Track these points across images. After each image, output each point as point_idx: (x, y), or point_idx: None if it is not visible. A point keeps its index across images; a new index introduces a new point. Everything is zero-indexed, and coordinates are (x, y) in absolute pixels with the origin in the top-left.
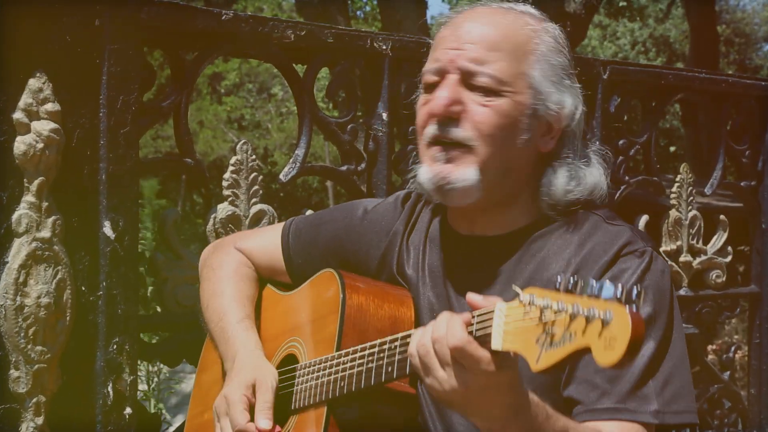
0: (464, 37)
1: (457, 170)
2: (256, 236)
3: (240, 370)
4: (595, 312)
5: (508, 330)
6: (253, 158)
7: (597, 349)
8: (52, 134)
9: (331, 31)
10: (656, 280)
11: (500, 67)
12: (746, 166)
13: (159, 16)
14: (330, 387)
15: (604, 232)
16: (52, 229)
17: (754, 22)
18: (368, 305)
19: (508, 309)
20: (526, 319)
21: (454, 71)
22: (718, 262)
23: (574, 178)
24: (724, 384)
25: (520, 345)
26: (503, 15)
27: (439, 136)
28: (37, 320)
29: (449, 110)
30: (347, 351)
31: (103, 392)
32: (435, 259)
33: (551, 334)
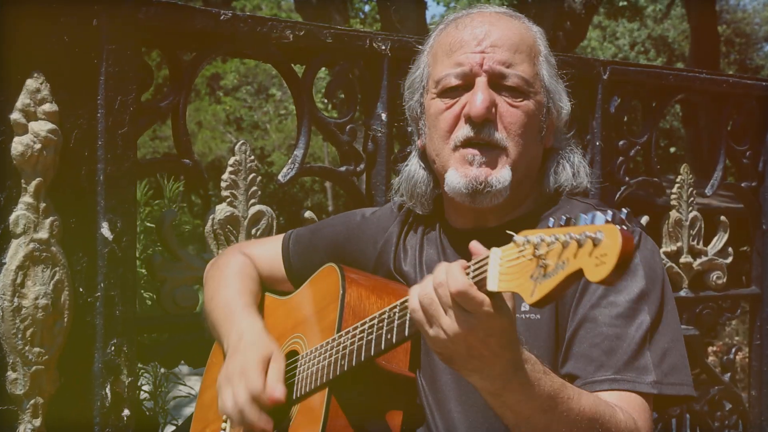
0: (487, 40)
1: (494, 173)
2: (259, 244)
3: (252, 343)
4: (587, 234)
5: (503, 271)
6: (251, 159)
7: (588, 267)
8: (50, 135)
9: (330, 32)
10: (647, 257)
11: (524, 68)
12: (747, 166)
13: (157, 16)
14: (330, 368)
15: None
16: (49, 230)
17: (754, 22)
18: (368, 295)
19: (503, 252)
20: (520, 257)
21: (483, 74)
22: (718, 263)
23: (578, 166)
24: (725, 386)
25: (514, 283)
26: (509, 19)
27: (475, 138)
28: (35, 321)
29: (489, 113)
30: (346, 331)
31: (101, 394)
32: (432, 254)
33: (545, 265)
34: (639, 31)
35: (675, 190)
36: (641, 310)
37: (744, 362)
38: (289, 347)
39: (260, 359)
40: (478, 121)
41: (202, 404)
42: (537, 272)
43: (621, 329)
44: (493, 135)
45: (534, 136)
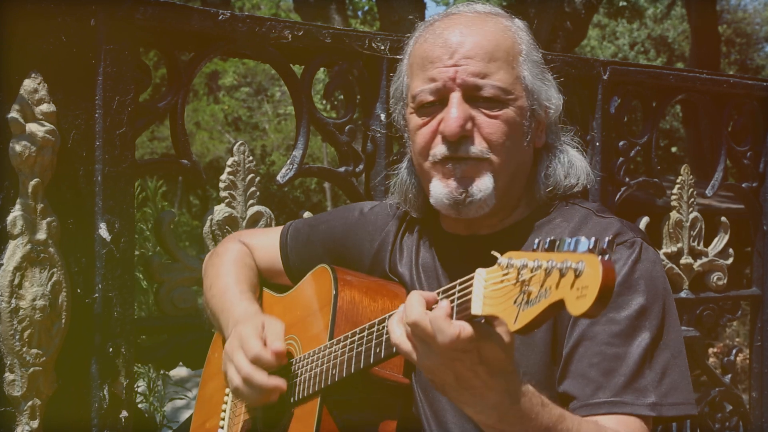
0: (459, 52)
1: (476, 182)
2: (258, 235)
3: (248, 317)
4: (569, 264)
5: (488, 294)
6: (250, 159)
7: (569, 299)
8: (48, 135)
9: (329, 32)
10: (647, 269)
11: (501, 76)
12: (747, 167)
13: (155, 16)
14: (322, 377)
15: (594, 224)
16: (47, 231)
17: (755, 22)
18: (361, 299)
19: (488, 273)
20: (504, 281)
21: (456, 88)
22: (719, 264)
23: (570, 164)
24: (725, 387)
25: (499, 308)
26: (484, 21)
27: (451, 156)
28: (33, 323)
29: (463, 130)
30: (338, 339)
31: (98, 395)
32: (428, 258)
33: (528, 292)
34: (639, 30)
35: (675, 190)
36: (641, 327)
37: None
38: None
39: (254, 328)
40: (453, 139)
41: (203, 397)
42: (521, 298)
43: (620, 348)
44: (471, 151)
45: (518, 142)
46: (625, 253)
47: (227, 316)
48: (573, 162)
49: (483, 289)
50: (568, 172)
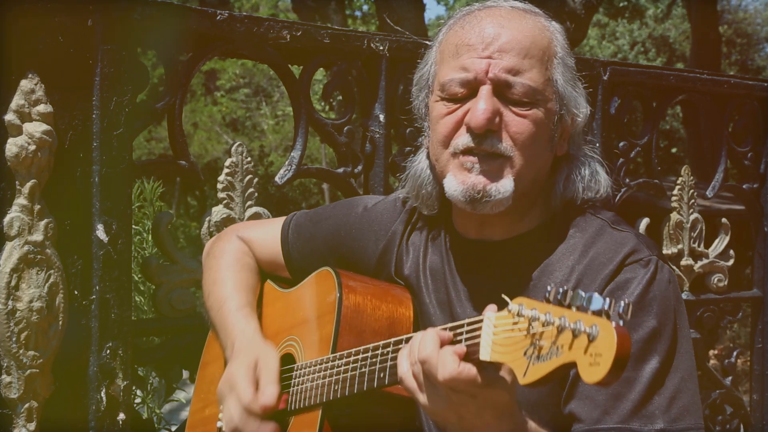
0: (495, 44)
1: (495, 182)
2: (258, 227)
3: (239, 352)
4: (582, 326)
5: (497, 341)
6: (248, 160)
7: (582, 365)
8: (45, 136)
9: (328, 32)
10: (662, 290)
11: (533, 75)
12: (748, 168)
13: (152, 16)
14: (324, 390)
15: (609, 238)
16: (44, 232)
17: (756, 23)
18: (365, 306)
19: (497, 319)
20: (515, 330)
21: (488, 82)
22: (719, 266)
23: (591, 177)
24: (726, 389)
25: (508, 357)
26: (523, 17)
27: (476, 148)
28: (29, 325)
29: (491, 124)
30: (342, 354)
31: (96, 398)
32: (436, 261)
33: (539, 346)
34: (639, 30)
35: (676, 191)
36: (652, 350)
37: (745, 366)
38: (284, 349)
39: (247, 367)
40: (479, 132)
41: (203, 379)
42: (531, 350)
43: (630, 372)
44: (496, 146)
45: (543, 145)
46: (640, 272)
47: (224, 334)
48: (593, 176)
49: (492, 335)
50: (588, 185)
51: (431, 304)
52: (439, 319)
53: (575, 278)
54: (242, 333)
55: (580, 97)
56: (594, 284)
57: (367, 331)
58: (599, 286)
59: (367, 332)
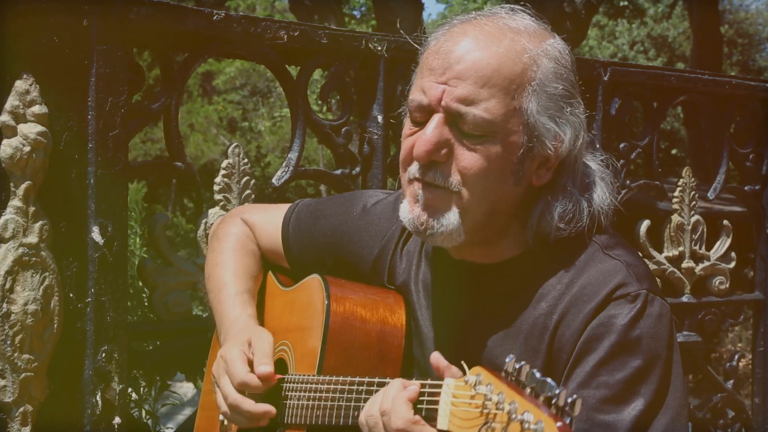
0: (453, 69)
1: (436, 215)
2: (262, 212)
3: (234, 334)
4: (530, 419)
5: (455, 411)
6: (245, 162)
7: None
8: (40, 137)
9: (325, 32)
10: (649, 327)
11: (491, 106)
12: (750, 169)
13: (148, 16)
14: (308, 413)
15: (598, 268)
16: (39, 234)
17: (757, 23)
18: (354, 319)
19: (456, 387)
20: (471, 404)
21: (440, 110)
22: (721, 269)
23: (569, 214)
24: (728, 393)
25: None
26: (497, 39)
27: (420, 178)
28: (24, 328)
29: (433, 156)
30: (325, 379)
31: (91, 402)
32: (427, 275)
33: (491, 428)
34: (639, 30)
35: (677, 193)
36: (636, 392)
37: (747, 369)
38: (278, 354)
39: (239, 348)
40: (421, 162)
41: (203, 406)
42: (485, 429)
43: (610, 416)
44: (438, 179)
45: (501, 178)
46: (626, 308)
47: (220, 318)
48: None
49: (450, 405)
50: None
51: (422, 318)
52: (428, 337)
53: (561, 310)
54: (237, 318)
55: (566, 125)
56: (578, 318)
57: (355, 346)
58: (583, 320)
59: (355, 347)
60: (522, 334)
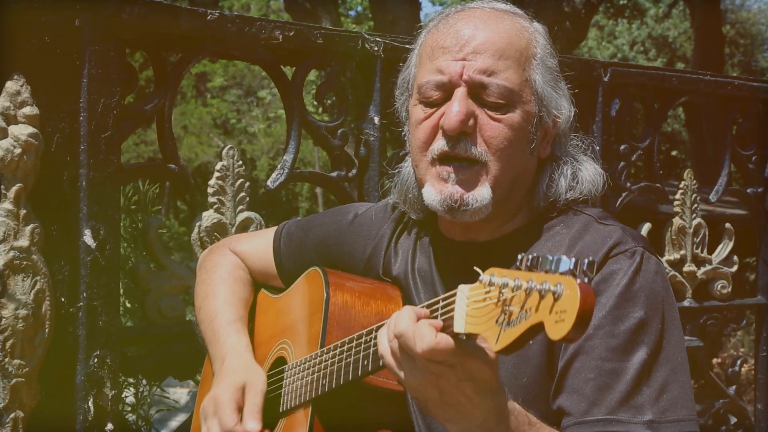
0: (469, 45)
1: (471, 191)
2: (250, 239)
3: (229, 372)
4: (548, 286)
5: (470, 312)
6: (239, 164)
7: (549, 323)
8: (31, 139)
9: (321, 32)
10: (648, 281)
11: (509, 76)
12: (753, 172)
13: (141, 16)
14: (313, 386)
15: (595, 232)
16: (30, 237)
17: (760, 23)
18: (353, 302)
19: (470, 291)
20: (486, 299)
21: (462, 84)
22: (723, 272)
23: (574, 177)
24: (730, 399)
25: (481, 327)
26: (500, 18)
27: (450, 152)
28: (15, 332)
29: (464, 126)
30: (328, 348)
31: (83, 407)
32: (424, 263)
33: (509, 312)
34: (639, 30)
35: (678, 196)
36: (640, 341)
37: (750, 374)
38: (277, 353)
39: (233, 392)
40: (452, 134)
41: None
42: (502, 318)
43: (616, 363)
44: (470, 150)
45: (521, 148)
46: (625, 263)
47: (214, 349)
48: (577, 175)
49: (465, 306)
50: (570, 185)
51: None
52: None
53: None
54: (233, 349)
55: (562, 98)
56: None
57: (355, 327)
58: None
59: (355, 328)
60: None
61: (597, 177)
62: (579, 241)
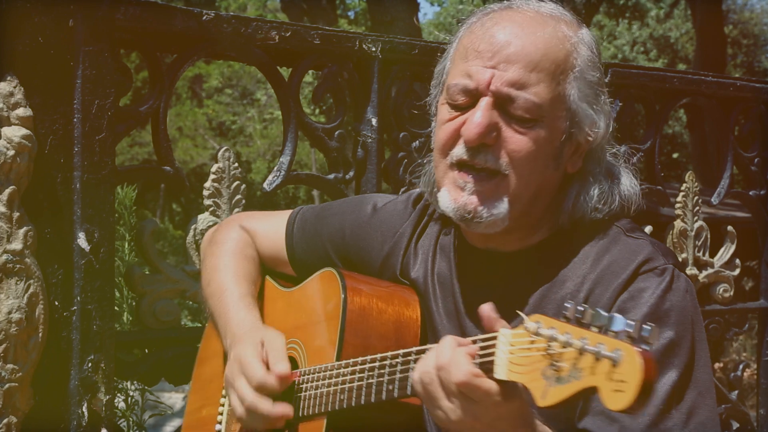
0: (502, 53)
1: (487, 203)
2: (263, 219)
3: (244, 336)
4: (604, 350)
5: (513, 360)
6: (235, 166)
7: (606, 391)
8: (24, 141)
9: (318, 32)
10: (678, 300)
11: (539, 90)
12: (755, 174)
13: (136, 17)
14: (330, 399)
15: (623, 246)
16: (23, 240)
17: (762, 23)
18: (371, 309)
19: (512, 336)
20: (532, 349)
21: (489, 94)
22: (725, 276)
23: (604, 197)
24: (732, 404)
25: (525, 377)
26: (541, 25)
27: (469, 161)
28: (8, 337)
29: (484, 138)
30: (347, 362)
31: (77, 413)
32: (444, 268)
33: (558, 368)
34: (640, 30)
35: (680, 198)
36: (669, 363)
37: (752, 379)
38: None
39: (253, 348)
40: (471, 145)
41: (200, 377)
42: (549, 372)
43: None
44: (488, 161)
45: (544, 164)
46: (654, 281)
47: (224, 323)
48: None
49: (508, 353)
50: (595, 206)
51: (438, 313)
52: (445, 329)
53: (587, 288)
54: (243, 321)
55: (600, 113)
56: (607, 293)
57: (373, 336)
58: (612, 295)
59: (373, 337)
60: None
61: (632, 194)
62: (605, 254)
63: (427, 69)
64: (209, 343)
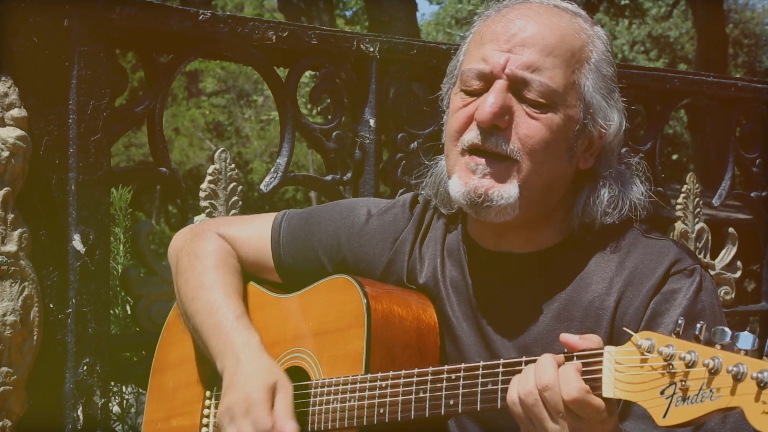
0: (517, 37)
1: (498, 187)
2: (241, 225)
3: (255, 373)
4: (745, 370)
5: (620, 377)
6: (232, 167)
7: (752, 412)
8: (19, 142)
9: (315, 32)
10: (709, 300)
11: (554, 75)
12: (756, 175)
13: (132, 17)
14: (364, 412)
15: (645, 247)
16: (18, 242)
17: (764, 23)
18: (392, 317)
19: (618, 354)
20: (645, 367)
21: (503, 77)
22: (726, 278)
23: (614, 201)
24: None
25: (639, 396)
26: (558, 15)
27: (481, 145)
28: (2, 339)
29: (497, 120)
30: (385, 375)
31: (72, 416)
32: (456, 273)
33: (684, 388)
34: (639, 29)
35: (680, 200)
36: None
37: None
38: (290, 362)
39: (265, 392)
40: (484, 126)
41: (162, 385)
42: (671, 390)
43: None
44: (500, 145)
45: (557, 153)
46: (685, 282)
47: (220, 343)
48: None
49: (614, 371)
50: (606, 210)
51: (455, 317)
52: (464, 333)
53: (617, 290)
54: (246, 346)
55: (613, 109)
56: (639, 296)
57: (397, 345)
58: (645, 298)
59: (397, 346)
60: (576, 319)
61: (641, 201)
62: (629, 257)
63: (425, 69)
64: (169, 351)
